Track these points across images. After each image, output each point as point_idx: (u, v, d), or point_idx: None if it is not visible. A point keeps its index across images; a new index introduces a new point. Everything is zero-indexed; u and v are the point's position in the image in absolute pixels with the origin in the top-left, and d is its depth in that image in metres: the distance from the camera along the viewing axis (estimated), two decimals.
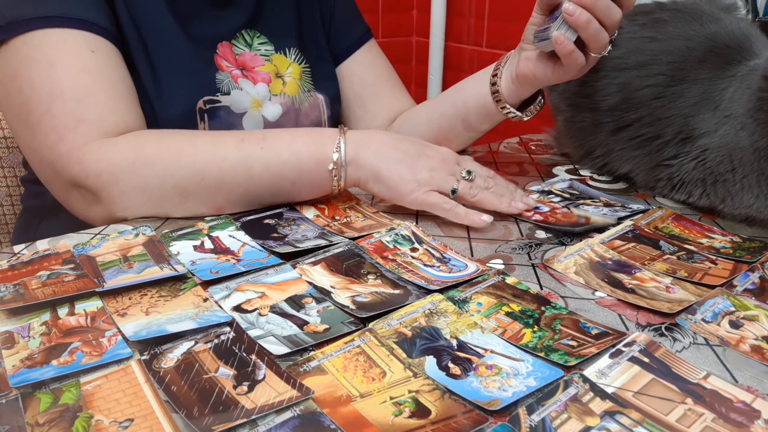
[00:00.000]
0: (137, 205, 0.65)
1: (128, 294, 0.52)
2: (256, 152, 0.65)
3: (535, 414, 0.40)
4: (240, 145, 0.66)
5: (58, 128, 0.64)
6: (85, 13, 0.67)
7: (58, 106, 0.64)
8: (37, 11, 0.65)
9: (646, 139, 0.75)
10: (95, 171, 0.63)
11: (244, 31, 0.82)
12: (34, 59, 0.64)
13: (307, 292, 0.53)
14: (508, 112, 0.78)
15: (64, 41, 0.65)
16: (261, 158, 0.65)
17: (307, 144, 0.66)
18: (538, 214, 0.70)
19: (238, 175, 0.65)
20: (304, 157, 0.66)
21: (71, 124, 0.64)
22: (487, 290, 0.54)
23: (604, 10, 0.64)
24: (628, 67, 0.77)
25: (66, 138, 0.63)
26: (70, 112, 0.64)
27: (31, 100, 0.64)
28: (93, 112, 0.64)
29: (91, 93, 0.65)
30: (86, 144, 0.63)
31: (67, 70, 0.64)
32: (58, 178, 0.66)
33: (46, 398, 0.40)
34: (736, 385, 0.43)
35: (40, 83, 0.64)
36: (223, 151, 0.65)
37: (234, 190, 0.66)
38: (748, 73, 0.69)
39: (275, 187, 0.67)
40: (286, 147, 0.66)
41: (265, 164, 0.65)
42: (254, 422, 0.39)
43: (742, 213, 0.69)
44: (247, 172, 0.65)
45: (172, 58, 0.74)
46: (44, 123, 0.64)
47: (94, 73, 0.66)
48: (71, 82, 0.64)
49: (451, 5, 1.57)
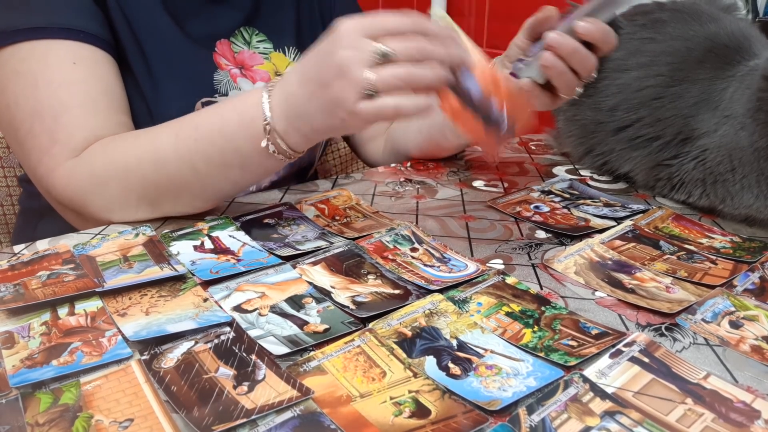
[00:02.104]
0: (120, 216, 0.65)
1: (128, 294, 0.52)
2: (193, 146, 0.61)
3: (535, 414, 0.40)
4: (175, 142, 0.62)
5: (38, 150, 0.65)
6: (73, 20, 0.67)
7: (38, 125, 0.64)
8: (26, 22, 0.65)
9: (646, 139, 0.75)
10: (67, 196, 0.65)
11: (242, 29, 0.82)
12: (19, 74, 0.65)
13: (307, 292, 0.53)
14: None
15: (47, 55, 0.65)
16: (199, 152, 0.61)
17: (238, 123, 0.60)
18: (538, 215, 0.70)
19: (185, 175, 0.62)
20: (239, 142, 0.60)
21: (47, 145, 0.64)
22: (487, 290, 0.54)
23: (580, 61, 0.63)
24: (628, 68, 0.77)
25: (42, 161, 0.65)
26: (47, 132, 0.64)
27: (16, 117, 0.65)
28: (65, 131, 0.64)
29: (67, 109, 0.65)
30: (57, 167, 0.64)
31: (47, 85, 0.65)
32: (47, 196, 0.69)
33: (46, 398, 0.40)
34: (736, 385, 0.43)
35: (24, 99, 0.65)
36: (162, 155, 0.62)
37: (191, 189, 0.64)
38: (748, 73, 0.69)
39: (227, 177, 0.63)
40: (218, 132, 0.60)
41: (205, 158, 0.61)
42: (254, 422, 0.39)
43: (742, 213, 0.69)
44: (192, 170, 0.62)
45: (169, 59, 0.74)
46: (27, 142, 0.65)
47: (72, 87, 0.65)
48: (50, 98, 0.65)
49: (451, 5, 1.57)
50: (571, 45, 0.62)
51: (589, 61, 0.64)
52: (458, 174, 0.84)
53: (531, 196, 0.76)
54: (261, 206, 0.70)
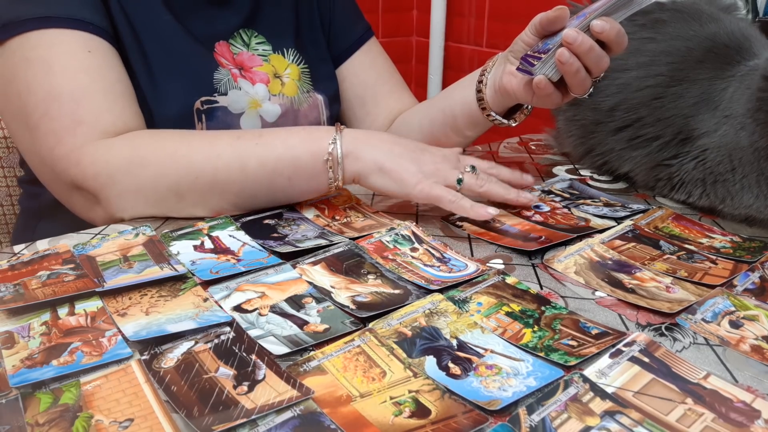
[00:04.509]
0: (134, 206, 0.65)
1: (128, 294, 0.52)
2: (251, 148, 0.65)
3: (535, 414, 0.40)
4: (235, 142, 0.65)
5: (57, 131, 0.64)
6: (81, 12, 0.67)
7: (56, 108, 0.64)
8: (34, 12, 0.65)
9: (646, 139, 0.75)
10: (93, 173, 0.63)
11: (241, 31, 0.82)
12: (31, 61, 0.64)
13: (307, 292, 0.53)
14: (494, 120, 0.77)
15: (61, 42, 0.65)
16: (256, 154, 0.64)
17: (303, 138, 0.66)
18: (538, 215, 0.70)
19: (232, 172, 0.64)
20: (299, 151, 0.65)
21: (69, 125, 0.63)
22: (487, 290, 0.54)
23: (595, 60, 0.64)
24: (628, 68, 0.77)
25: (64, 140, 0.63)
26: (68, 114, 0.64)
27: (29, 102, 0.64)
28: (90, 113, 0.64)
29: (89, 93, 0.65)
30: (84, 145, 0.63)
31: (64, 71, 0.64)
32: (58, 181, 0.67)
33: (46, 398, 0.40)
34: (736, 385, 0.43)
35: (38, 85, 0.64)
36: (217, 149, 0.64)
37: (228, 188, 0.65)
38: (748, 73, 0.69)
39: (271, 184, 0.66)
40: (282, 142, 0.65)
41: (259, 160, 0.64)
42: (254, 422, 0.39)
43: (742, 213, 0.69)
44: (241, 169, 0.64)
45: (169, 57, 0.74)
46: (43, 126, 0.64)
47: (91, 73, 0.66)
48: (68, 83, 0.64)
49: (451, 5, 1.57)
50: (588, 42, 0.63)
51: (604, 60, 0.64)
52: None
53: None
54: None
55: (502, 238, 0.64)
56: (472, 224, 0.67)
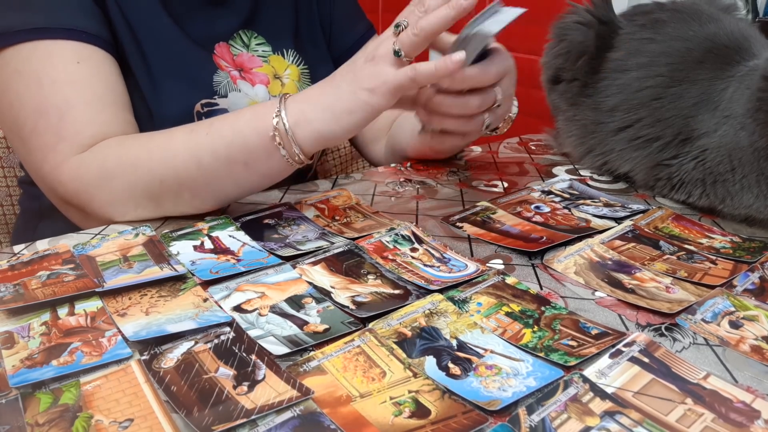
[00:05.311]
0: (123, 212, 0.65)
1: (128, 294, 0.52)
2: (203, 140, 0.62)
3: (535, 414, 0.40)
4: (188, 137, 0.63)
5: (43, 148, 0.65)
6: (73, 21, 0.67)
7: (43, 123, 0.64)
8: (26, 22, 0.65)
9: (646, 139, 0.75)
10: (73, 189, 0.64)
11: (241, 32, 0.82)
12: (22, 73, 0.65)
13: (307, 292, 0.53)
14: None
15: (51, 54, 0.65)
16: (207, 146, 0.62)
17: (249, 118, 0.62)
18: (539, 215, 0.70)
19: (191, 170, 0.62)
20: (246, 133, 0.61)
21: (52, 142, 0.64)
22: (487, 290, 0.54)
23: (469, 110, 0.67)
24: (628, 69, 0.77)
25: (48, 158, 0.65)
26: (52, 130, 0.64)
27: (20, 116, 0.65)
28: (72, 127, 0.64)
29: (73, 107, 0.65)
30: (63, 163, 0.64)
31: (52, 84, 0.65)
32: (51, 194, 0.69)
33: (46, 398, 0.40)
34: (736, 385, 0.43)
35: (28, 98, 0.65)
36: (173, 149, 0.63)
37: (194, 186, 0.64)
38: (748, 73, 0.69)
39: (230, 174, 0.63)
40: (229, 127, 0.62)
41: (211, 151, 0.62)
42: (254, 422, 0.39)
43: (741, 213, 0.69)
44: (198, 165, 0.62)
45: (169, 59, 0.74)
46: (32, 141, 0.65)
47: (77, 85, 0.66)
48: (55, 96, 0.64)
49: None
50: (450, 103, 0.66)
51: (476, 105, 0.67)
52: (458, 174, 0.84)
53: (531, 196, 0.76)
54: (261, 206, 0.70)
55: (502, 239, 0.64)
56: (472, 225, 0.67)
